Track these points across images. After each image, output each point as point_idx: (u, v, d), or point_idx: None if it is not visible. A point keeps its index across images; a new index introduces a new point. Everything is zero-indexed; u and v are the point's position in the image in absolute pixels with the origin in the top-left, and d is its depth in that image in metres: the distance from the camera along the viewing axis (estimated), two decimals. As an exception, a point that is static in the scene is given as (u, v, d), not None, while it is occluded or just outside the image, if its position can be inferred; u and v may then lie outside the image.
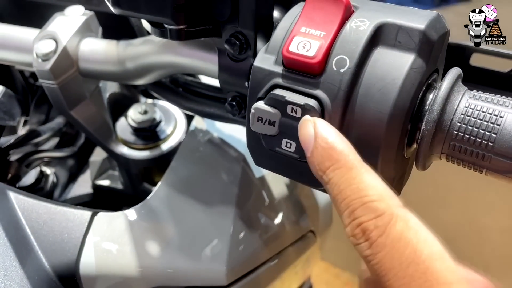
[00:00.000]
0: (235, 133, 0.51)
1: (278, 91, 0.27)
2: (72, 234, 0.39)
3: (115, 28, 0.54)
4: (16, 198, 0.40)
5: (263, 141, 0.29)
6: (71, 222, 0.40)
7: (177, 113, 0.57)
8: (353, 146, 0.26)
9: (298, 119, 0.27)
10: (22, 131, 0.63)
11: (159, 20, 0.31)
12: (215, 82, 0.42)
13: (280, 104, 0.27)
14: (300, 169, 0.28)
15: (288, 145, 0.28)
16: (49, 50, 0.44)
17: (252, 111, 0.28)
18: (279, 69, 0.27)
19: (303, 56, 0.26)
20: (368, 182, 0.22)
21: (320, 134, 0.24)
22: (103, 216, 0.41)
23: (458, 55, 0.38)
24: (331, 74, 0.26)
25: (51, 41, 0.45)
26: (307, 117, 0.26)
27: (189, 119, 0.57)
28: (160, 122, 0.55)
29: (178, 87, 0.44)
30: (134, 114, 0.54)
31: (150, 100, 0.60)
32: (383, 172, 0.27)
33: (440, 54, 0.28)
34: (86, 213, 0.41)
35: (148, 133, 0.54)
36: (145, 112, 0.54)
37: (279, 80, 0.27)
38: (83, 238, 0.39)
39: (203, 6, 0.31)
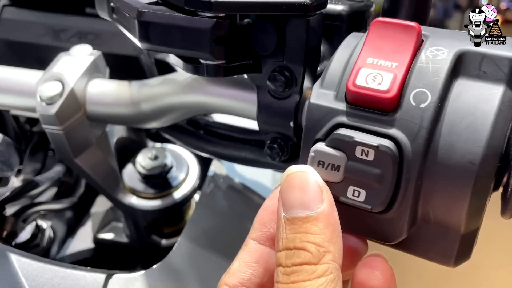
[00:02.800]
0: (258, 178, 0.47)
1: (344, 131, 0.23)
2: (84, 302, 0.34)
3: (120, 68, 0.50)
4: (19, 261, 0.34)
5: None
6: None
7: (189, 157, 0.53)
8: (435, 194, 0.22)
9: (370, 162, 0.23)
10: (15, 181, 0.58)
11: (195, 55, 0.27)
12: (241, 123, 0.38)
13: (346, 146, 0.23)
14: (372, 223, 0.24)
15: (356, 193, 0.24)
16: (55, 92, 0.40)
17: (312, 154, 0.24)
18: (342, 105, 0.24)
19: (374, 90, 0.23)
20: None
21: None
22: (119, 279, 0.36)
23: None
24: (409, 110, 0.22)
25: (57, 83, 0.41)
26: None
27: (202, 163, 0.53)
28: (171, 167, 0.51)
29: (199, 130, 0.41)
30: (144, 159, 0.50)
31: (159, 144, 0.56)
32: (468, 224, 0.23)
33: None
34: (100, 276, 0.35)
35: (158, 180, 0.50)
36: (156, 158, 0.50)
37: (344, 118, 0.24)
38: (97, 306, 0.34)
39: (245, 39, 0.27)
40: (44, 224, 0.55)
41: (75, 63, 0.43)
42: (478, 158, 0.21)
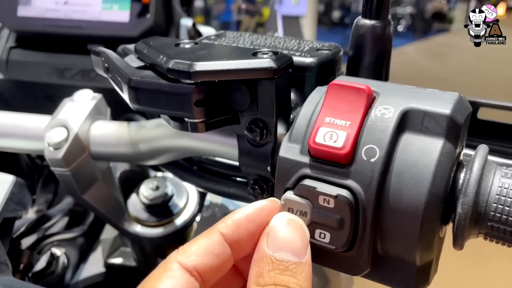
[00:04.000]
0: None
1: (308, 182, 0.27)
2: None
3: (121, 103, 0.54)
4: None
5: None
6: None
7: (188, 185, 0.57)
8: (390, 235, 0.26)
9: (331, 209, 0.26)
10: (29, 212, 0.62)
11: (179, 115, 0.31)
12: (232, 161, 0.42)
13: (311, 195, 0.27)
14: (338, 259, 0.28)
15: (322, 235, 0.27)
16: (61, 138, 0.44)
17: (282, 202, 0.28)
18: (306, 159, 0.27)
19: (331, 147, 0.26)
20: None
21: None
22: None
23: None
24: (361, 164, 0.26)
25: (62, 129, 0.45)
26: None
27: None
28: (172, 196, 0.55)
29: (193, 165, 0.44)
30: (146, 190, 0.54)
31: (160, 174, 0.60)
32: (422, 258, 0.26)
33: (465, 131, 0.28)
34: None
35: (160, 209, 0.54)
36: (157, 188, 0.54)
37: (308, 171, 0.27)
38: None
39: (223, 97, 0.31)
40: (58, 251, 0.59)
41: (78, 109, 0.46)
42: (422, 204, 0.25)
